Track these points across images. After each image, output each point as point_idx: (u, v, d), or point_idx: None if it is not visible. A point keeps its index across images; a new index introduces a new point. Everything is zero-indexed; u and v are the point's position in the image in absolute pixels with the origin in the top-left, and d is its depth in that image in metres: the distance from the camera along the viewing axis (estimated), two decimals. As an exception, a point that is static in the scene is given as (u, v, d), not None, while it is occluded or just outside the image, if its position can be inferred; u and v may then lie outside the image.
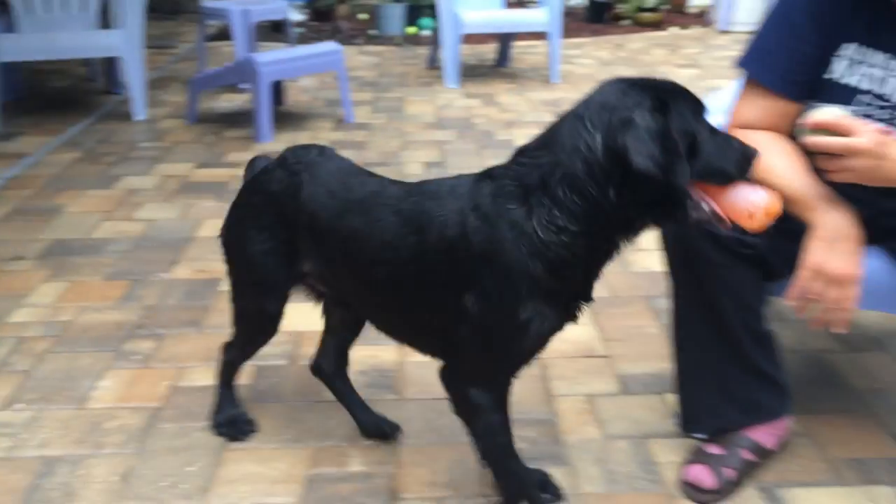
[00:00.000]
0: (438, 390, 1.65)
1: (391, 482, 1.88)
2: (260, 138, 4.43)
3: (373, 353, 2.39)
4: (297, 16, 8.65)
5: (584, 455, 1.96)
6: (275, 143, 4.39)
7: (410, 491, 1.85)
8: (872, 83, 1.61)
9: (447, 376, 1.62)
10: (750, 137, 1.67)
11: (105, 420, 2.09)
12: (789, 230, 1.67)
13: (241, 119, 4.92)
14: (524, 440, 1.97)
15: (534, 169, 1.43)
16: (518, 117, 5.18)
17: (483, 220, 1.45)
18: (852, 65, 1.62)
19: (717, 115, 1.80)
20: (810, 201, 1.57)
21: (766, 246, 1.68)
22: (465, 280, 1.49)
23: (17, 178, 3.96)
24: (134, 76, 4.85)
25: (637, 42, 8.17)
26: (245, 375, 2.27)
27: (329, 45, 4.70)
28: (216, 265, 2.94)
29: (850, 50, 1.62)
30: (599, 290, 1.59)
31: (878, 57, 1.59)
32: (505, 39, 6.74)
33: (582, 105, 1.43)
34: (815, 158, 1.54)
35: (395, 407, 2.14)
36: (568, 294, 1.51)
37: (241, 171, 1.99)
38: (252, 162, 1.93)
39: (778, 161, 1.60)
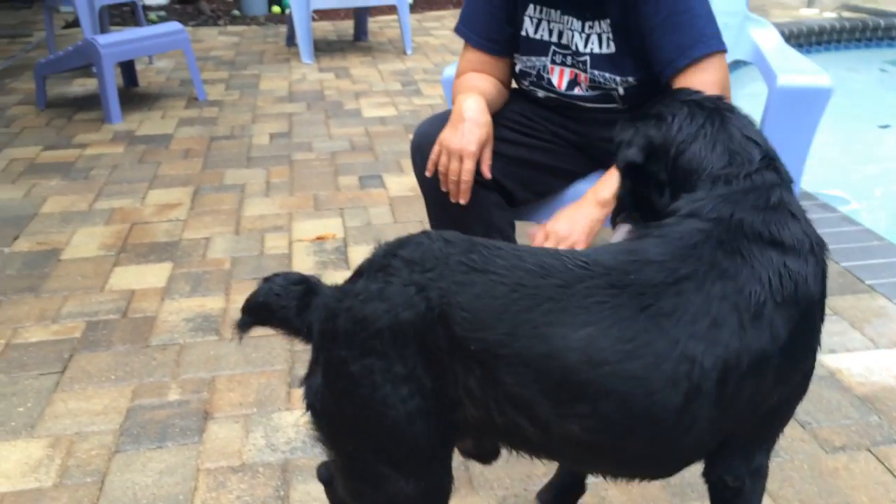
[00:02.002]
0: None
1: (205, 406, 2.12)
2: (110, 119, 4.53)
3: (200, 302, 2.64)
4: (158, -1, 8.64)
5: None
6: (125, 123, 4.50)
7: (221, 411, 2.10)
8: (554, 36, 1.92)
9: (734, 460, 1.27)
10: (465, 77, 2.00)
11: (-61, 378, 2.26)
12: (521, 159, 1.99)
13: (92, 102, 4.98)
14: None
15: (763, 190, 1.27)
16: (368, 88, 5.43)
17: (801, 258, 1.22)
18: (537, 22, 1.94)
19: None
20: (459, 95, 1.88)
21: (502, 174, 1.98)
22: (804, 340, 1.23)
23: None
24: (-23, 65, 4.85)
25: (495, 12, 8.49)
26: (76, 329, 2.48)
27: (172, 25, 4.82)
28: (57, 237, 3.13)
29: (531, 10, 1.93)
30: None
31: (555, 14, 1.91)
32: (360, 14, 6.94)
33: (747, 127, 1.36)
34: None
35: (216, 346, 2.39)
36: None
37: (89, 152, 1.81)
38: (259, 295, 1.30)
39: (476, 81, 1.95)
